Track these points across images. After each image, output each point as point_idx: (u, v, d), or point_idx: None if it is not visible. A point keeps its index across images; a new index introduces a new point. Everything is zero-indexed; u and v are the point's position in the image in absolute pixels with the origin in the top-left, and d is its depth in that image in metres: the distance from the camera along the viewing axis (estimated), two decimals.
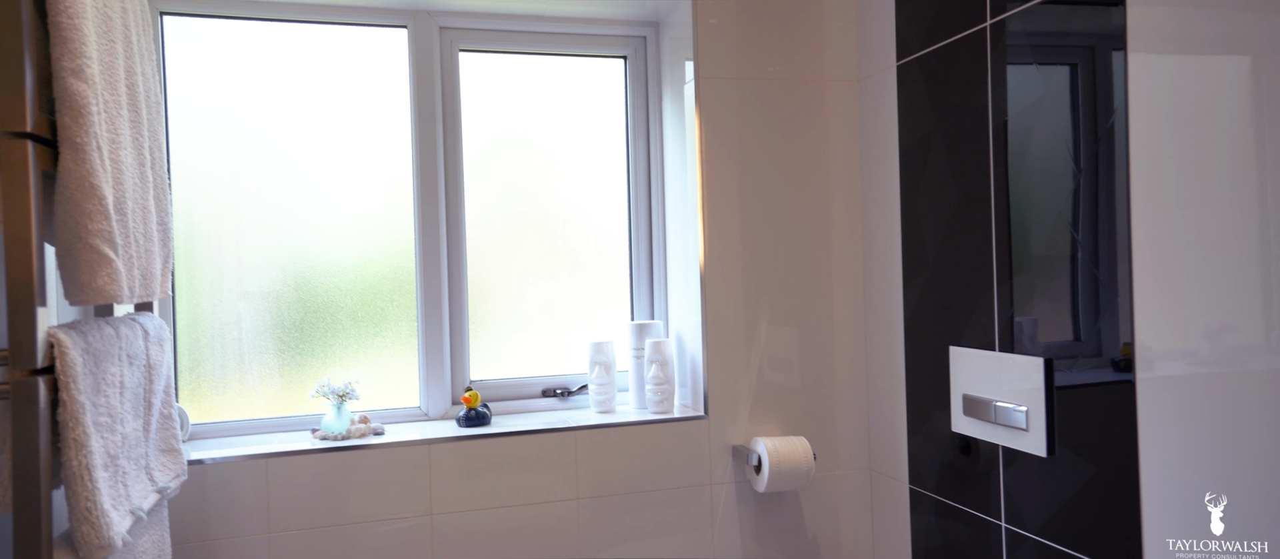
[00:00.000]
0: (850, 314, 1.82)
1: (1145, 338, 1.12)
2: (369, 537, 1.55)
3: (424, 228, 1.75)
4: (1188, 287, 1.05)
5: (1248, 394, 0.98)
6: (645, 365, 1.77)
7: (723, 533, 1.74)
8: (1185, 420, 1.08)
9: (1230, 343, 0.99)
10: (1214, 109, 1.03)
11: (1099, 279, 1.21)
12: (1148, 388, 1.14)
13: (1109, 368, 1.20)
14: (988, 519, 1.46)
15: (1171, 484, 1.10)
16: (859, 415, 1.82)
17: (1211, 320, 1.02)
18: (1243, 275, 0.97)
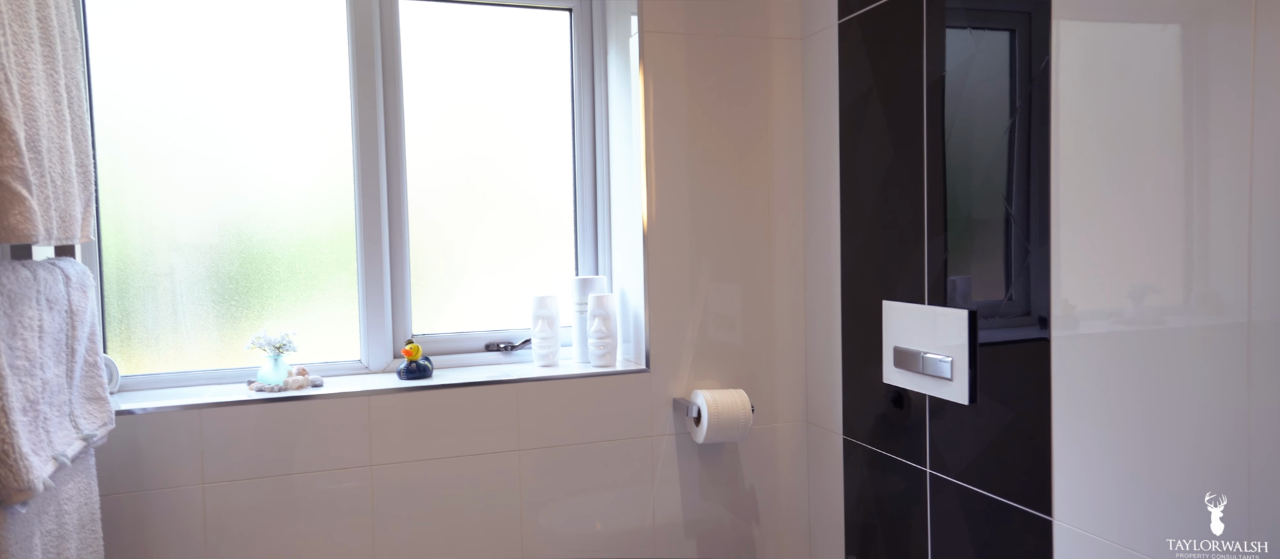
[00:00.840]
0: (791, 270, 1.85)
1: (1071, 297, 1.16)
2: (308, 488, 1.55)
3: (364, 180, 1.72)
4: (1115, 249, 1.08)
5: (1166, 350, 1.03)
6: (588, 320, 1.79)
7: (663, 483, 1.78)
8: (1104, 373, 1.13)
9: (1153, 303, 1.04)
10: (1143, 77, 1.06)
11: (1029, 241, 1.25)
12: (1068, 343, 1.18)
13: (1036, 325, 1.24)
14: (915, 466, 1.52)
15: (1082, 429, 1.16)
16: (797, 369, 1.87)
17: (1136, 281, 1.06)
18: (1167, 239, 1.01)
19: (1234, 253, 0.95)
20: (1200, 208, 0.98)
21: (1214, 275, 0.97)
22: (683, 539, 1.80)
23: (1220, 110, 0.96)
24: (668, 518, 1.79)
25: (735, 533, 1.84)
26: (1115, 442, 1.10)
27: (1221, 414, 0.96)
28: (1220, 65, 0.95)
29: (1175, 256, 1.01)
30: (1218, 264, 0.97)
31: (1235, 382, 0.95)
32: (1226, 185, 0.95)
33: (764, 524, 1.87)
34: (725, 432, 1.70)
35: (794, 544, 1.89)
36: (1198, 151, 0.98)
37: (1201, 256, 0.98)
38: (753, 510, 1.85)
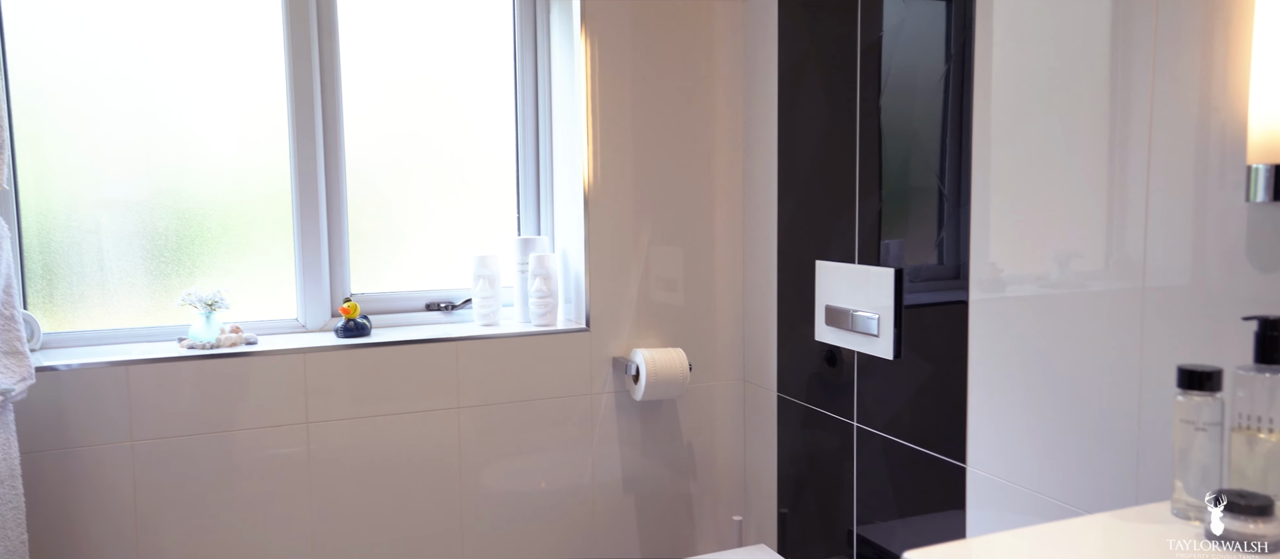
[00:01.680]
0: (730, 232, 1.88)
1: (999, 261, 1.19)
2: (241, 444, 1.54)
3: (299, 137, 1.69)
4: (1041, 216, 1.12)
5: (1087, 311, 1.08)
6: (529, 279, 1.79)
7: (602, 441, 1.81)
8: (1016, 333, 1.19)
9: (1076, 268, 1.08)
10: (1072, 47, 1.10)
11: (960, 208, 1.29)
12: (985, 305, 1.24)
13: (962, 288, 1.27)
14: (843, 420, 1.57)
15: (995, 384, 1.21)
16: (735, 329, 1.91)
17: (1062, 247, 1.10)
18: (1090, 206, 1.04)
19: (1137, 219, 1.00)
20: (1119, 175, 1.02)
21: (1130, 242, 1.02)
22: (621, 495, 1.84)
23: (1140, 81, 1.00)
24: (607, 475, 1.82)
25: (673, 489, 1.89)
26: (1025, 396, 1.16)
27: (1118, 370, 1.02)
28: (1142, 34, 1.00)
29: (1098, 225, 1.06)
30: (1133, 230, 1.02)
31: (1130, 341, 1.01)
32: (1140, 154, 1.00)
33: (701, 479, 1.91)
34: (663, 389, 1.73)
35: (729, 498, 1.95)
36: (1120, 121, 1.01)
37: (1120, 223, 1.03)
38: (690, 466, 1.90)
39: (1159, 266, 0.97)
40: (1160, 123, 0.96)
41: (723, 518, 1.94)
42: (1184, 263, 0.94)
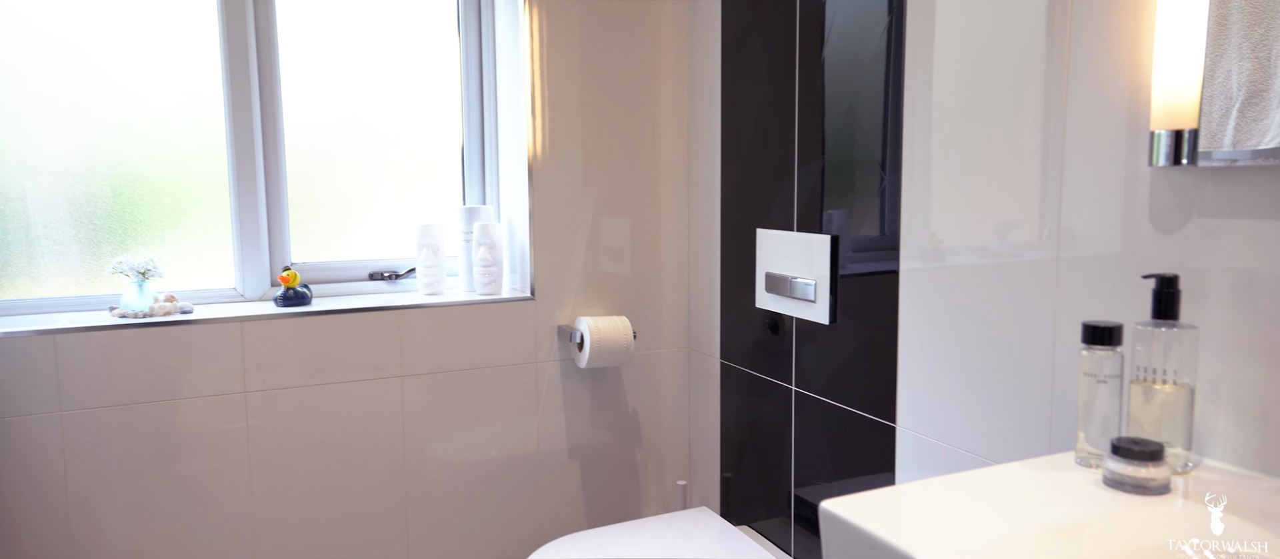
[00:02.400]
0: (675, 202, 1.90)
1: (939, 232, 1.22)
2: (176, 414, 1.52)
3: (234, 104, 1.65)
4: (982, 189, 1.14)
5: (1007, 278, 1.12)
6: (474, 248, 1.79)
7: (548, 407, 1.82)
8: (943, 299, 1.23)
9: (1008, 237, 1.12)
10: (1009, 22, 1.13)
11: (896, 179, 1.32)
12: (914, 274, 1.27)
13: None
14: (782, 385, 1.61)
15: (923, 348, 1.26)
16: (680, 297, 1.93)
17: (1001, 218, 1.13)
18: (1025, 179, 1.07)
19: (1053, 187, 1.04)
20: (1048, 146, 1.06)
21: (1049, 208, 1.06)
22: (567, 462, 1.86)
23: (1069, 55, 1.03)
24: (553, 443, 1.84)
25: (619, 456, 1.92)
26: (950, 359, 1.21)
27: (1034, 332, 1.07)
28: (1071, 8, 1.03)
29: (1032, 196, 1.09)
30: (1051, 198, 1.06)
31: (1046, 304, 1.05)
32: (1069, 124, 1.04)
33: (647, 446, 1.94)
34: (607, 357, 1.75)
35: (674, 465, 1.98)
36: (1055, 94, 1.04)
37: (1043, 192, 1.07)
38: (635, 433, 1.93)
39: (1074, 232, 1.01)
40: (1084, 95, 1.00)
41: (668, 483, 1.98)
42: (1097, 227, 0.98)
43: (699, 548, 1.53)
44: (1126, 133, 0.94)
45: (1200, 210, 0.87)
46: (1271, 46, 0.74)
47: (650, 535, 1.59)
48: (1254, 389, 0.83)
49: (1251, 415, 0.84)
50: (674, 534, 1.59)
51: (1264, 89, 0.75)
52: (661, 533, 1.60)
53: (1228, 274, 0.85)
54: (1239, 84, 0.77)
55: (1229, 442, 0.86)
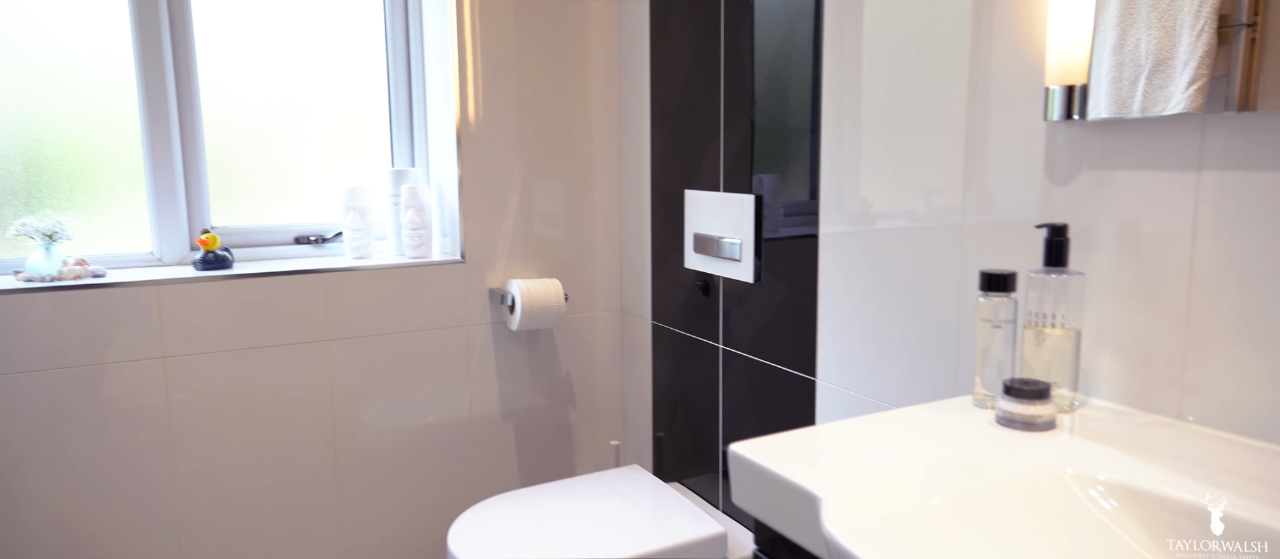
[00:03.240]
0: (607, 166, 1.90)
1: (873, 196, 1.24)
2: (93, 380, 1.47)
3: (145, 64, 1.59)
4: (908, 156, 1.17)
5: (934, 239, 1.15)
6: (402, 211, 1.77)
7: (480, 370, 1.82)
8: (858, 262, 1.26)
9: (934, 200, 1.14)
10: None
11: (821, 145, 1.35)
12: (832, 238, 1.30)
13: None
14: (710, 343, 1.64)
15: (840, 306, 1.29)
16: (613, 260, 1.94)
17: (925, 182, 1.16)
18: (950, 147, 1.10)
19: (957, 142, 1.07)
20: (981, 109, 1.09)
21: (953, 165, 1.10)
22: (500, 425, 1.86)
23: (983, 18, 1.06)
24: (485, 407, 1.84)
25: (553, 418, 1.93)
26: (865, 316, 1.24)
27: (941, 286, 1.11)
28: None
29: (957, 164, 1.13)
30: (953, 153, 1.09)
31: (952, 258, 1.09)
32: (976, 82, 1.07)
33: (580, 408, 1.96)
34: (539, 319, 1.75)
35: (609, 426, 2.00)
36: (981, 69, 1.06)
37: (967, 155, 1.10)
38: (569, 395, 1.94)
39: (984, 190, 1.05)
40: (1004, 57, 1.03)
41: (602, 444, 2.00)
42: (1004, 184, 1.02)
43: (628, 503, 1.55)
44: (1031, 92, 0.97)
45: (1090, 163, 0.92)
46: (1176, 16, 0.78)
47: (581, 492, 1.61)
48: (1135, 332, 0.89)
49: (1133, 357, 0.89)
50: (604, 491, 1.62)
51: (1169, 57, 0.78)
52: (592, 490, 1.62)
53: (1114, 223, 0.90)
54: (1147, 52, 0.80)
55: (1113, 381, 0.91)
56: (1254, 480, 0.69)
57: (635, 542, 1.39)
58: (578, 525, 1.47)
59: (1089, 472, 0.73)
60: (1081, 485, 0.72)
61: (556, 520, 1.49)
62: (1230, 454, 0.76)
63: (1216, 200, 0.80)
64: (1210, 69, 0.76)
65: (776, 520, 0.77)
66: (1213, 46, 0.75)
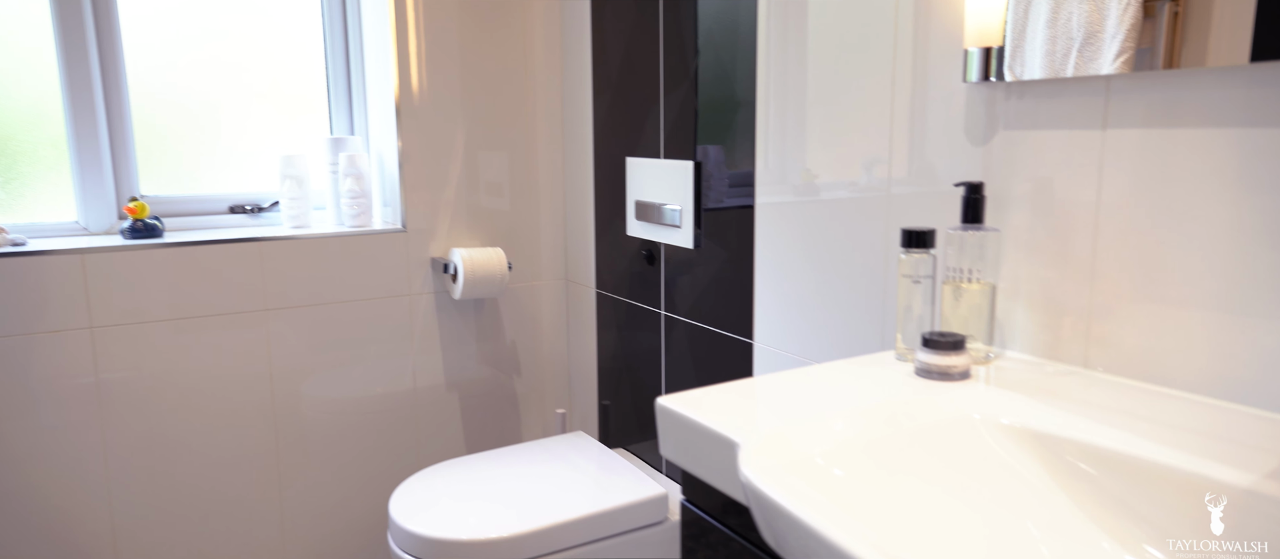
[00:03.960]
0: (551, 134, 1.89)
1: (813, 167, 1.26)
2: (12, 351, 1.43)
3: (64, 29, 1.53)
4: (850, 128, 1.18)
5: (852, 204, 1.17)
6: (341, 179, 1.74)
7: (424, 339, 1.81)
8: (794, 229, 1.29)
9: (872, 169, 1.16)
10: None
11: (756, 115, 1.36)
12: (768, 208, 1.32)
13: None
14: (653, 310, 1.66)
15: (777, 273, 1.32)
16: (557, 229, 1.94)
17: (861, 151, 1.17)
18: (881, 114, 1.12)
19: (884, 106, 1.09)
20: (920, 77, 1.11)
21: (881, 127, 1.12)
22: (445, 395, 1.86)
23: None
24: (430, 377, 1.83)
25: (498, 387, 1.93)
26: (799, 281, 1.27)
27: (870, 249, 1.14)
28: None
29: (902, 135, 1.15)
30: (882, 115, 1.12)
31: (879, 220, 1.12)
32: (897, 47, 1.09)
33: (526, 377, 1.97)
34: (482, 287, 1.75)
35: (555, 394, 2.01)
36: (919, 39, 1.08)
37: (919, 135, 1.12)
38: (514, 364, 1.94)
39: (907, 151, 1.08)
40: (936, 21, 1.05)
41: (548, 412, 2.01)
42: (926, 145, 1.05)
43: (572, 468, 1.57)
44: (955, 55, 1.00)
45: (1005, 123, 0.95)
46: None
47: (525, 457, 1.62)
48: (1046, 287, 0.92)
49: (1044, 310, 0.93)
50: (548, 456, 1.63)
51: (1099, 31, 0.81)
52: (536, 456, 1.64)
53: (1027, 182, 0.93)
54: (1079, 25, 0.83)
55: (1026, 334, 0.95)
56: (1146, 420, 0.73)
57: (578, 503, 1.41)
58: (521, 489, 1.48)
59: (994, 416, 0.76)
60: (987, 429, 0.75)
61: (500, 484, 1.50)
62: (1127, 398, 0.80)
63: (1118, 158, 0.84)
64: (1136, 41, 0.79)
65: (701, 469, 0.79)
66: (1139, 20, 0.78)
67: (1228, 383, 0.78)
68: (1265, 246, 0.74)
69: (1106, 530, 0.66)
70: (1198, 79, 0.77)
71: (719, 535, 0.83)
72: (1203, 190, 0.78)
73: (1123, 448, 0.68)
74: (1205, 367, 0.79)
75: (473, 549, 1.31)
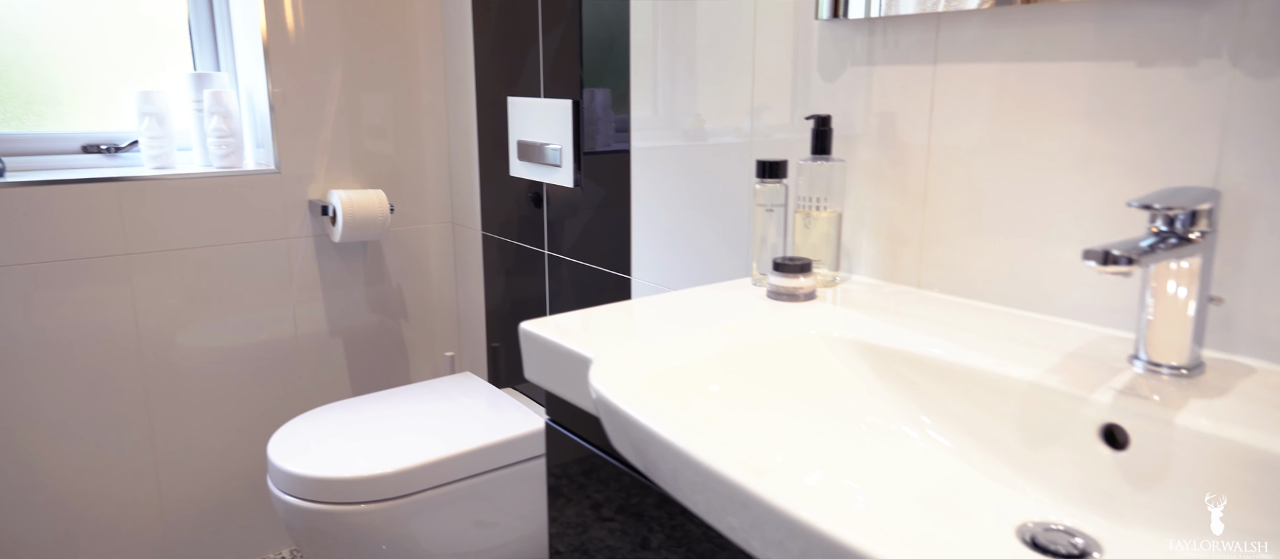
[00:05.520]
0: (433, 75, 1.86)
1: (703, 113, 1.27)
2: None
3: None
4: (739, 75, 1.21)
5: (739, 145, 1.21)
6: (206, 118, 1.66)
7: (304, 283, 1.77)
8: (665, 173, 1.32)
9: (765, 120, 1.19)
10: None
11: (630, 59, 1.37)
12: (644, 153, 1.35)
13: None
14: (536, 250, 1.67)
15: (652, 212, 1.35)
16: (442, 171, 1.92)
17: (756, 102, 1.20)
18: (752, 60, 1.14)
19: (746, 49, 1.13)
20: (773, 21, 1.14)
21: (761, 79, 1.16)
22: (329, 341, 1.83)
23: None
24: (312, 324, 1.80)
25: (385, 332, 1.91)
26: (674, 220, 1.31)
27: (736, 188, 1.19)
28: None
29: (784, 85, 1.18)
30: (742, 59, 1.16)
31: (744, 161, 1.17)
32: None
33: (414, 321, 1.95)
34: (362, 230, 1.72)
35: (443, 337, 2.01)
36: None
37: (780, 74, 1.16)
38: (402, 309, 1.93)
39: (768, 89, 1.12)
40: None
41: (437, 355, 2.01)
42: (786, 82, 1.10)
43: (457, 406, 1.59)
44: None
45: (852, 59, 1.00)
46: None
47: (410, 397, 1.63)
48: (887, 215, 1.00)
49: (885, 236, 1.00)
50: (435, 397, 1.64)
51: None
52: (422, 396, 1.64)
53: (872, 116, 0.99)
54: None
55: (870, 259, 1.02)
56: (960, 330, 0.81)
57: (462, 438, 1.43)
58: (405, 427, 1.49)
59: (829, 331, 0.82)
60: (825, 342, 0.82)
61: (384, 423, 1.50)
62: (949, 313, 0.88)
63: (945, 94, 0.91)
64: None
65: (561, 387, 0.83)
66: None
67: (1033, 296, 0.87)
68: (1061, 175, 0.82)
69: (923, 425, 0.73)
70: (1010, 16, 0.84)
71: (582, 452, 0.87)
72: (1013, 123, 0.85)
73: (936, 354, 0.75)
74: (1015, 283, 0.88)
75: (354, 486, 1.32)
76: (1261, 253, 0.70)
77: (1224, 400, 0.63)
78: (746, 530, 0.53)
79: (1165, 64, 0.73)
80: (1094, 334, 0.79)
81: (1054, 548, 0.61)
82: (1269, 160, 0.68)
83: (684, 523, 0.73)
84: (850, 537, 0.45)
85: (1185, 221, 0.65)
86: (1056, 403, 0.67)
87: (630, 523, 0.81)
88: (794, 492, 0.50)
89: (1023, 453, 0.68)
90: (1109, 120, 0.78)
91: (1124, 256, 0.60)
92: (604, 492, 0.84)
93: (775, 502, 0.50)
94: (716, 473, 0.54)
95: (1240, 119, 0.69)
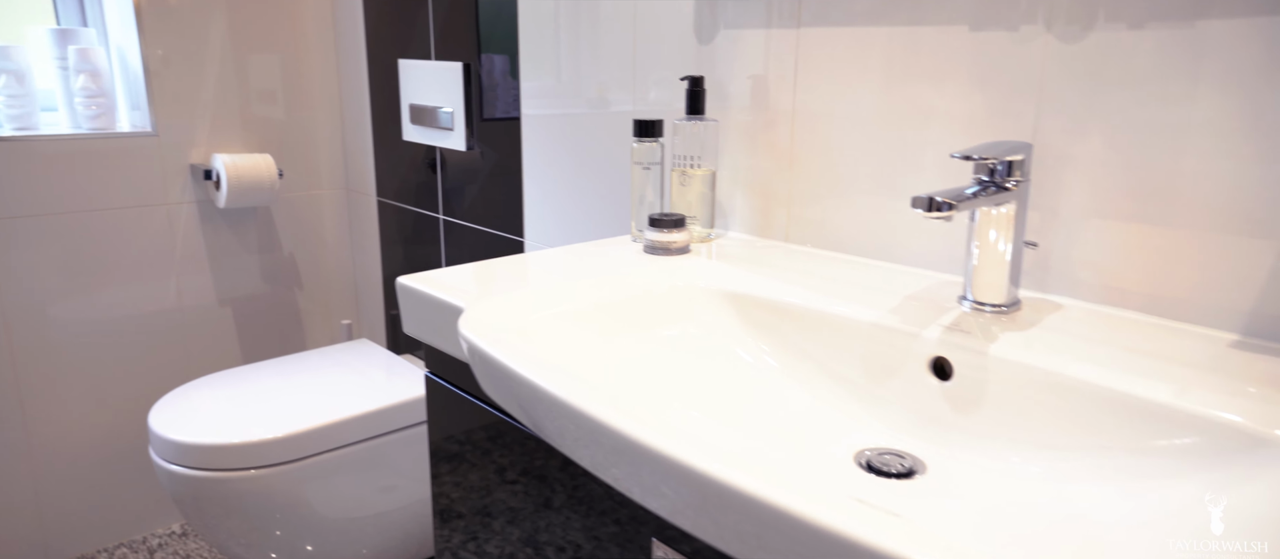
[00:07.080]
0: (321, 37, 1.81)
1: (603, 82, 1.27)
2: None
3: None
4: (621, 37, 1.22)
5: (623, 109, 1.23)
6: (72, 76, 1.57)
7: (187, 251, 1.71)
8: (557, 141, 1.33)
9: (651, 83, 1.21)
10: None
11: (518, 28, 1.37)
12: (533, 120, 1.36)
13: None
14: (432, 214, 1.67)
15: (542, 177, 1.37)
16: (335, 136, 1.88)
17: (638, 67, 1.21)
18: (661, 31, 1.17)
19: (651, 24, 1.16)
20: None
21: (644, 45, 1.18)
22: (217, 311, 1.78)
23: None
24: (198, 293, 1.74)
25: (278, 301, 1.87)
26: (562, 183, 1.33)
27: (623, 152, 1.22)
28: None
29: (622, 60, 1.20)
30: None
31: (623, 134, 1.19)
32: None
33: (309, 290, 1.92)
34: (249, 195, 1.67)
35: (341, 306, 1.98)
36: None
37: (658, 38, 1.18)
38: (295, 277, 1.89)
39: (650, 56, 1.15)
40: None
41: (334, 324, 1.98)
42: (666, 48, 1.12)
43: (352, 372, 1.57)
44: None
45: (725, 22, 1.04)
46: None
47: (303, 365, 1.60)
48: (758, 173, 1.04)
49: (756, 193, 1.05)
50: (329, 363, 1.62)
51: None
52: (316, 363, 1.62)
53: (743, 78, 1.04)
54: None
55: (742, 216, 1.07)
56: (817, 278, 0.87)
57: (355, 403, 1.42)
58: (296, 393, 1.47)
59: (696, 281, 0.87)
60: (692, 292, 0.86)
61: (273, 389, 1.48)
62: (810, 264, 0.93)
63: (808, 57, 0.96)
64: None
65: (437, 338, 0.84)
66: None
67: (887, 247, 0.93)
68: (907, 134, 0.88)
69: (781, 367, 0.78)
70: None
71: (490, 418, 0.89)
72: (864, 85, 0.91)
73: (793, 301, 0.80)
74: (871, 236, 0.94)
75: (240, 451, 1.30)
76: (1072, 202, 0.77)
77: (1032, 332, 0.70)
78: (600, 460, 0.57)
79: (993, 28, 0.80)
80: (933, 279, 0.86)
81: (886, 469, 0.67)
82: (1077, 117, 0.75)
83: (586, 483, 0.77)
84: (712, 468, 0.48)
85: (1002, 171, 0.71)
86: (893, 341, 0.73)
87: (533, 484, 0.84)
88: (655, 428, 0.54)
89: (865, 387, 0.74)
90: (948, 82, 0.84)
91: (945, 203, 0.66)
92: (508, 456, 0.86)
93: (626, 430, 0.53)
94: (577, 409, 0.57)
95: (1054, 79, 0.76)
